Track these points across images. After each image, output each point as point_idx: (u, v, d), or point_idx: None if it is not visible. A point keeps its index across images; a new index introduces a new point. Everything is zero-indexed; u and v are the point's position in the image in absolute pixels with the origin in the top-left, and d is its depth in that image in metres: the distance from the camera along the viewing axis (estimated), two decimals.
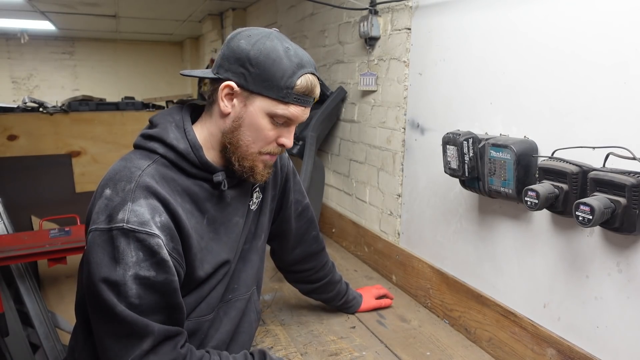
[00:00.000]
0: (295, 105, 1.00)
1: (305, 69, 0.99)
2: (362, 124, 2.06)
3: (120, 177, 0.94)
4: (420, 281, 1.68)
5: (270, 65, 0.96)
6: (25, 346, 2.30)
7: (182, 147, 1.00)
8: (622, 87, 0.99)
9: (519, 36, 1.24)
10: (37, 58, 6.59)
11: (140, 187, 0.92)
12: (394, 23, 1.78)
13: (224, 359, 1.04)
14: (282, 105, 0.99)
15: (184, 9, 4.20)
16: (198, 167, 1.01)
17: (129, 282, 0.88)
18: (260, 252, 1.24)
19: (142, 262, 0.89)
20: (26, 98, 4.53)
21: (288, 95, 0.98)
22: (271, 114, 0.99)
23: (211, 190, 1.04)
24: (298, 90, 0.98)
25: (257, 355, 1.11)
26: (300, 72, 0.98)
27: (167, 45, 7.10)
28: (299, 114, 1.01)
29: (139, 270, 0.88)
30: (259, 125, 1.00)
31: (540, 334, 1.20)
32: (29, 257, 2.25)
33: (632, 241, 0.99)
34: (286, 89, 0.97)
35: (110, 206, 0.91)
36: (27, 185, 3.85)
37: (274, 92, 0.97)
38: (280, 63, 0.96)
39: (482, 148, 1.26)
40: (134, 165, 0.96)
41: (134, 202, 0.91)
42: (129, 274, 0.88)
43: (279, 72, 0.96)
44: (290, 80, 0.97)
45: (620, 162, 0.98)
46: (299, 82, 0.98)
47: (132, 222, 0.89)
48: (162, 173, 0.98)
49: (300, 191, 1.38)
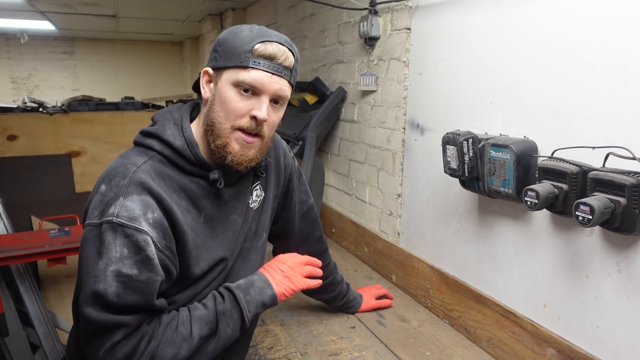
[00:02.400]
0: (257, 70, 0.97)
1: (267, 38, 0.98)
2: (362, 124, 2.06)
3: (115, 173, 0.95)
4: (420, 281, 1.68)
5: (232, 39, 0.98)
6: (25, 346, 2.29)
7: (178, 144, 1.00)
8: (622, 87, 0.99)
9: (519, 36, 1.24)
10: (36, 58, 6.58)
11: (134, 183, 0.93)
12: (394, 23, 1.78)
13: (192, 309, 1.01)
14: (243, 71, 0.97)
15: (184, 9, 4.20)
16: (194, 164, 1.02)
17: (109, 279, 0.87)
18: (261, 251, 1.24)
19: (126, 258, 0.88)
20: (26, 98, 4.53)
21: (246, 59, 0.96)
22: (235, 82, 0.97)
23: (208, 188, 1.04)
24: (258, 53, 0.96)
25: (226, 293, 1.05)
26: (260, 39, 0.97)
27: (167, 45, 7.10)
28: (263, 79, 0.97)
29: (122, 267, 0.88)
30: (226, 97, 0.98)
31: (540, 334, 1.20)
32: (29, 257, 2.25)
33: (632, 241, 0.99)
34: (244, 53, 0.96)
35: (103, 201, 0.92)
36: (27, 185, 3.85)
37: (234, 60, 0.97)
38: (241, 34, 0.98)
39: (482, 148, 1.26)
40: (130, 161, 0.97)
41: (126, 197, 0.91)
42: (110, 269, 0.88)
43: (239, 42, 0.97)
44: (248, 45, 0.96)
45: (620, 162, 0.98)
46: (257, 46, 0.97)
47: (122, 216, 0.89)
48: (159, 170, 0.98)
49: (305, 191, 1.38)
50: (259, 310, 1.08)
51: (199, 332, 0.97)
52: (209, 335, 0.99)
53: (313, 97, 2.34)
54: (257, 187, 1.19)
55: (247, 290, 1.06)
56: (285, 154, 1.29)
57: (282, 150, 1.28)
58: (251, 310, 1.04)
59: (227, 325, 1.01)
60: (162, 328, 0.94)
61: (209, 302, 1.03)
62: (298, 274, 1.16)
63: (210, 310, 1.01)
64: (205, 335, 0.98)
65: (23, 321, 2.34)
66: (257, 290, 1.07)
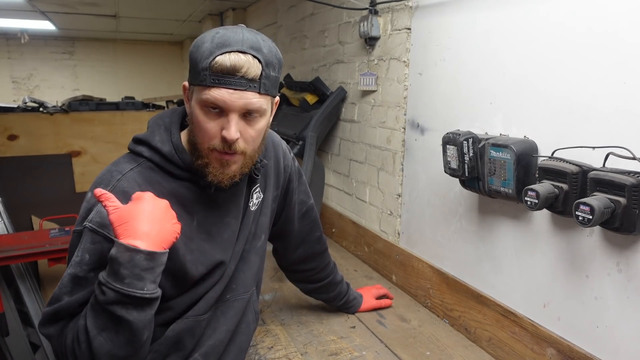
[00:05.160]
0: (217, 88, 0.89)
1: (227, 48, 0.89)
2: (362, 124, 2.06)
3: (101, 181, 0.97)
4: (420, 281, 1.68)
5: (195, 53, 0.92)
6: (25, 346, 2.30)
7: (166, 149, 1.00)
8: (622, 87, 0.99)
9: (519, 36, 1.24)
10: (37, 58, 6.58)
11: (116, 191, 0.93)
12: (394, 23, 1.78)
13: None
14: (205, 90, 0.90)
15: (184, 9, 4.20)
16: (183, 169, 1.01)
17: (65, 280, 0.91)
18: (261, 253, 1.24)
19: (85, 264, 0.90)
20: (26, 98, 4.54)
21: (205, 78, 0.89)
22: (200, 102, 0.92)
23: (200, 192, 1.04)
24: (215, 69, 0.89)
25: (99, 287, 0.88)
26: (218, 52, 0.89)
27: (167, 45, 7.10)
28: (223, 97, 0.89)
29: (79, 272, 0.90)
30: (197, 117, 0.94)
31: (540, 334, 1.20)
32: (29, 257, 2.25)
33: (632, 241, 0.99)
34: (203, 71, 0.90)
35: (86, 208, 0.95)
36: (27, 185, 3.85)
37: (196, 78, 0.91)
38: (202, 47, 0.91)
39: (482, 148, 1.26)
40: (117, 169, 0.98)
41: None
42: (68, 272, 0.91)
43: (199, 57, 0.91)
44: (206, 61, 0.89)
45: (620, 162, 0.98)
46: (216, 59, 0.88)
47: (94, 222, 0.91)
48: (147, 176, 0.98)
49: (305, 192, 1.38)
50: (151, 276, 0.85)
51: (93, 323, 0.85)
52: (104, 327, 0.85)
53: (313, 97, 2.34)
54: (257, 189, 1.18)
55: (117, 273, 0.83)
56: (285, 154, 1.29)
57: (281, 151, 1.27)
58: (141, 285, 0.83)
59: (126, 309, 0.84)
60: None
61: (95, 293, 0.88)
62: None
63: (98, 299, 0.86)
64: (101, 326, 0.85)
65: (23, 321, 2.35)
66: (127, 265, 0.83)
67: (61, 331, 0.92)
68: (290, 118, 2.41)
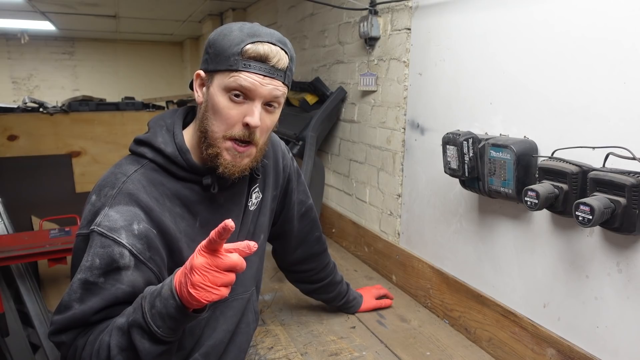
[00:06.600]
0: (247, 72, 0.92)
1: (258, 38, 0.93)
2: (362, 124, 2.06)
3: (105, 183, 0.96)
4: (420, 281, 1.68)
5: (222, 40, 0.94)
6: (25, 346, 2.30)
7: (170, 150, 0.99)
8: (622, 87, 0.99)
9: (519, 36, 1.24)
10: (37, 58, 6.59)
11: (122, 194, 0.93)
12: (394, 23, 1.78)
13: (117, 318, 0.89)
14: (233, 75, 0.92)
15: (184, 9, 4.20)
16: (186, 170, 1.01)
17: (75, 286, 0.88)
18: (260, 253, 1.24)
19: (96, 269, 0.88)
20: (26, 98, 4.54)
21: (236, 62, 0.92)
22: (226, 87, 0.93)
23: (202, 193, 1.04)
24: (247, 55, 0.92)
25: (138, 302, 0.88)
26: (249, 40, 0.92)
27: (167, 45, 7.10)
28: (253, 82, 0.92)
29: (89, 276, 0.88)
30: (218, 104, 0.94)
31: (540, 334, 1.20)
32: (29, 257, 2.25)
33: (632, 241, 0.99)
34: (233, 56, 0.92)
35: (92, 211, 0.94)
36: (27, 185, 3.85)
37: (224, 64, 0.93)
38: (230, 35, 0.93)
39: (482, 148, 1.26)
40: (121, 171, 0.98)
41: (111, 207, 0.92)
42: (78, 277, 0.89)
43: (228, 43, 0.93)
44: (237, 47, 0.92)
45: (620, 162, 0.98)
46: (247, 47, 0.92)
47: (103, 226, 0.90)
48: (151, 177, 0.98)
49: (304, 192, 1.38)
50: (173, 325, 0.83)
51: (116, 342, 0.85)
52: (126, 347, 0.85)
53: (313, 97, 2.34)
54: (256, 189, 1.18)
55: (153, 301, 0.83)
56: (284, 154, 1.29)
57: (280, 151, 1.27)
58: (159, 324, 0.82)
59: (141, 337, 0.84)
60: (95, 333, 0.89)
61: (128, 310, 0.88)
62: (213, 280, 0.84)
63: (125, 319, 0.86)
64: (123, 346, 0.85)
65: (23, 321, 2.35)
66: (162, 300, 0.82)
67: (74, 339, 0.90)
68: (290, 118, 2.41)
